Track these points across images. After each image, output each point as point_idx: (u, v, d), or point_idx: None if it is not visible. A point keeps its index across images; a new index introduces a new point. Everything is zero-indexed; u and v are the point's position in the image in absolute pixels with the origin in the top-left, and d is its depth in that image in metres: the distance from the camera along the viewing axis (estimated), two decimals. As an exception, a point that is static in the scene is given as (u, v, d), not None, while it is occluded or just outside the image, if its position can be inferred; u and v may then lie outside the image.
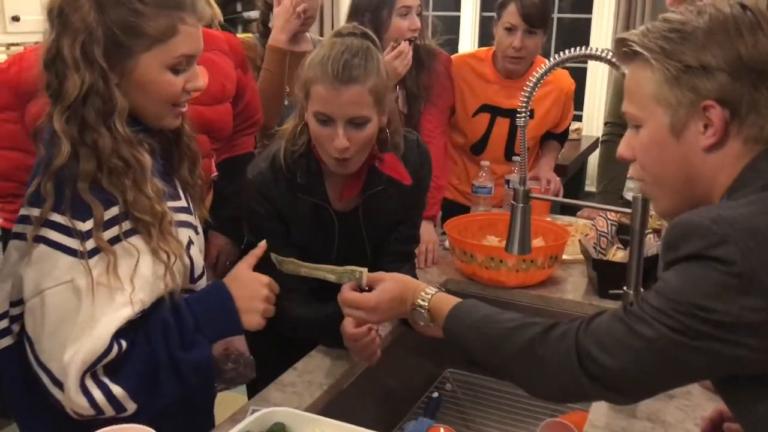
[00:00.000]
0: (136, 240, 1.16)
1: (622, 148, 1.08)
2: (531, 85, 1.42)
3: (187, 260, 1.26)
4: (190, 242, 1.28)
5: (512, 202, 1.52)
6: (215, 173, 2.10)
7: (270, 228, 1.61)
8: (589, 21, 4.53)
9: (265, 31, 2.37)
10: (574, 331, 1.01)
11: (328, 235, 1.66)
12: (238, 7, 4.24)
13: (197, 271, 1.31)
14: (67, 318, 1.12)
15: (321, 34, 4.46)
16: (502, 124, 2.55)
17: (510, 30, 2.40)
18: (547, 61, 1.40)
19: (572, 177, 3.91)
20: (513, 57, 2.44)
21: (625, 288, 1.44)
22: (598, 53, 1.34)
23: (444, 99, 2.46)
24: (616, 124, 2.60)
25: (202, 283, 1.34)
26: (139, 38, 1.16)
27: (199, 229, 1.37)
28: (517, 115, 1.45)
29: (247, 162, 1.74)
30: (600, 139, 2.67)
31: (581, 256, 2.05)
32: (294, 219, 1.62)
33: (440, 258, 2.14)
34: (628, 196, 2.63)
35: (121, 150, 1.15)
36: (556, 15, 4.61)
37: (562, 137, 2.72)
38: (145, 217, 1.16)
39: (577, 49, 1.37)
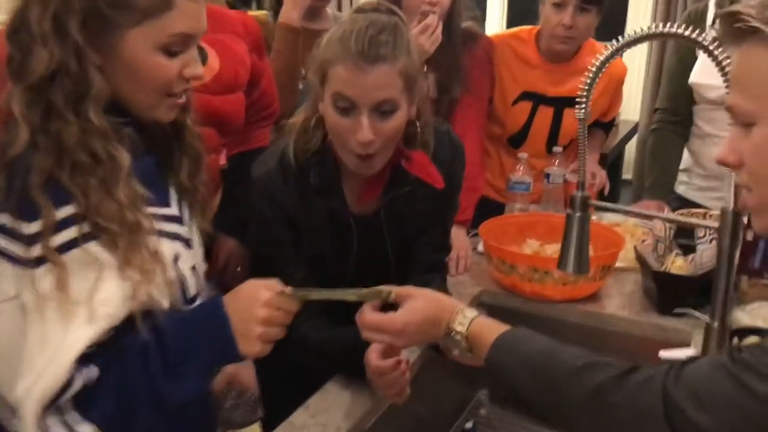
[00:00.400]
0: (98, 249, 0.94)
1: (725, 152, 0.86)
2: (594, 70, 1.17)
3: (171, 275, 1.03)
4: (177, 257, 1.06)
5: (568, 210, 1.27)
6: (224, 162, 1.86)
7: (278, 236, 1.41)
8: (626, 1, 4.24)
9: (279, 7, 2.13)
10: (660, 378, 0.85)
11: (345, 243, 1.44)
12: (252, -17, 3.98)
13: (191, 291, 1.09)
14: (16, 342, 0.92)
15: (339, 9, 4.20)
16: (544, 114, 2.30)
17: (559, 6, 2.12)
18: (599, 44, 1.15)
19: (609, 165, 3.65)
20: (562, 36, 2.16)
21: (696, 312, 1.24)
22: (683, 33, 1.09)
23: (483, 87, 2.19)
24: (669, 111, 2.33)
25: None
26: (125, 10, 0.95)
27: (195, 242, 1.15)
28: (577, 106, 1.19)
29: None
30: (651, 128, 2.40)
31: (632, 263, 1.81)
32: (306, 226, 1.41)
33: (473, 264, 1.90)
34: (681, 190, 2.37)
35: (90, 143, 0.94)
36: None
37: (607, 126, 2.45)
38: (110, 226, 0.94)
39: (654, 27, 1.12)
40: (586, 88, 1.18)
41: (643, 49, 4.06)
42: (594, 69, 1.16)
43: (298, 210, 1.39)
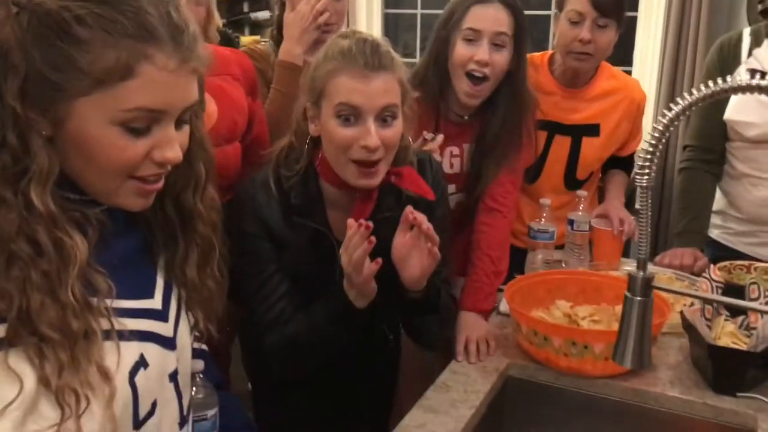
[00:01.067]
0: (19, 361, 0.73)
1: None
2: (661, 129, 0.96)
3: (126, 394, 0.82)
4: (140, 364, 0.85)
5: (626, 293, 1.06)
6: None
7: (261, 249, 1.40)
8: (634, 20, 4.06)
9: (281, 38, 1.94)
10: None
11: (327, 267, 1.41)
12: (245, 8, 3.80)
13: (143, 410, 0.87)
14: None
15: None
16: (561, 144, 2.10)
17: (576, 22, 1.93)
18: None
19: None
20: (579, 53, 1.95)
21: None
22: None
23: (527, 155, 1.92)
24: (700, 149, 2.14)
25: (152, 424, 0.89)
26: (72, 74, 0.74)
27: (181, 343, 0.94)
28: (638, 175, 0.99)
29: None
30: (680, 167, 2.21)
31: (676, 326, 1.61)
32: (288, 244, 1.41)
33: (497, 331, 1.69)
34: (715, 234, 2.18)
35: (33, 230, 0.74)
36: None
37: (628, 164, 2.24)
38: (49, 333, 0.74)
39: (739, 81, 0.92)
40: (650, 150, 0.97)
41: (653, 70, 3.87)
42: (661, 127, 0.96)
43: (281, 227, 1.39)
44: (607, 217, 2.05)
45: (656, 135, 0.97)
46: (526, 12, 1.81)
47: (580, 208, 2.02)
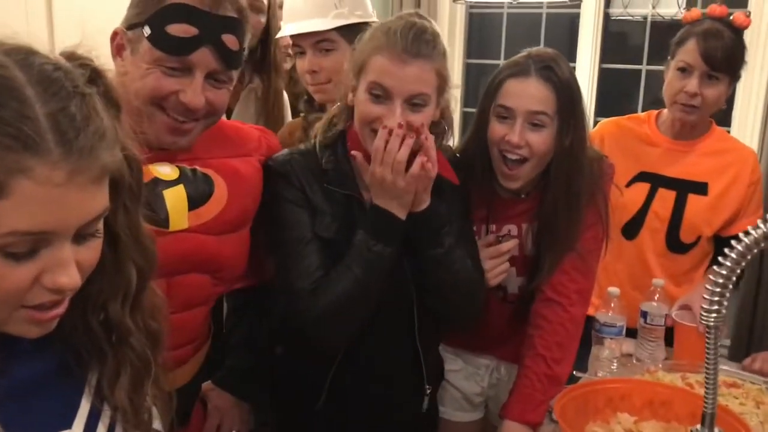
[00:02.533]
0: None
1: None
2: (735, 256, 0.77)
3: None
4: None
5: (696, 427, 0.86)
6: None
7: (296, 216, 1.41)
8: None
9: (291, 81, 2.03)
10: None
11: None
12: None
13: None
14: None
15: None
16: (664, 198, 1.94)
17: (685, 71, 1.84)
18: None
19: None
20: (684, 104, 1.85)
21: None
22: None
23: (595, 233, 1.64)
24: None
25: None
26: None
27: None
28: (704, 312, 0.79)
29: (260, 293, 1.52)
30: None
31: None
32: (321, 208, 1.42)
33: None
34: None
35: None
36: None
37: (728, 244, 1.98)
38: None
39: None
40: (721, 281, 0.77)
41: (753, 134, 3.56)
42: (734, 257, 0.76)
43: (313, 191, 1.42)
44: (689, 308, 1.80)
45: (729, 265, 0.77)
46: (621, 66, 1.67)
47: (656, 297, 1.79)
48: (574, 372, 1.65)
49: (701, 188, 1.94)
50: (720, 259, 0.78)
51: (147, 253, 0.83)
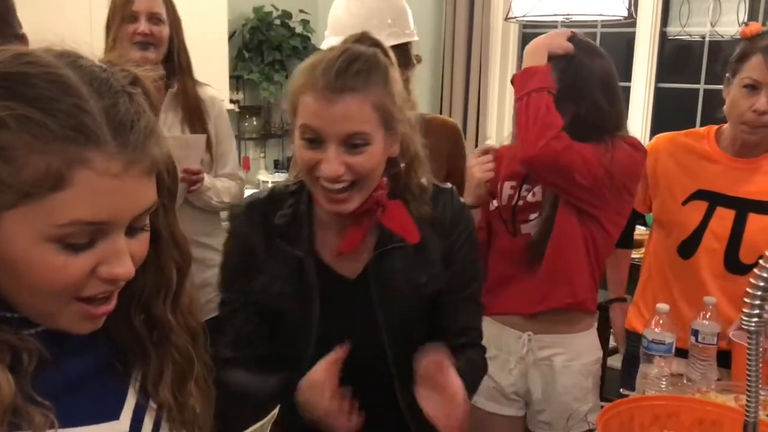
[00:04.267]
0: None
1: None
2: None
3: None
4: None
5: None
6: None
7: (231, 266, 1.33)
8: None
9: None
10: None
11: (306, 299, 1.29)
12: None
13: None
14: None
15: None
16: (723, 217, 1.87)
17: (752, 87, 1.75)
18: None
19: None
20: (751, 124, 1.77)
21: None
22: None
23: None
24: None
25: None
26: None
27: None
28: (744, 317, 0.76)
29: None
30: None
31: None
32: (268, 269, 1.29)
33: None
34: None
35: None
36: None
37: None
38: None
39: None
40: (762, 284, 0.75)
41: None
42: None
43: (263, 252, 1.29)
44: None
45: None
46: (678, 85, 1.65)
47: (707, 316, 1.73)
48: (621, 390, 1.61)
49: (764, 207, 1.86)
50: (761, 261, 0.76)
51: (184, 251, 0.85)
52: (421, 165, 1.32)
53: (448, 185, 1.40)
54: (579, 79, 1.73)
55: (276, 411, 0.77)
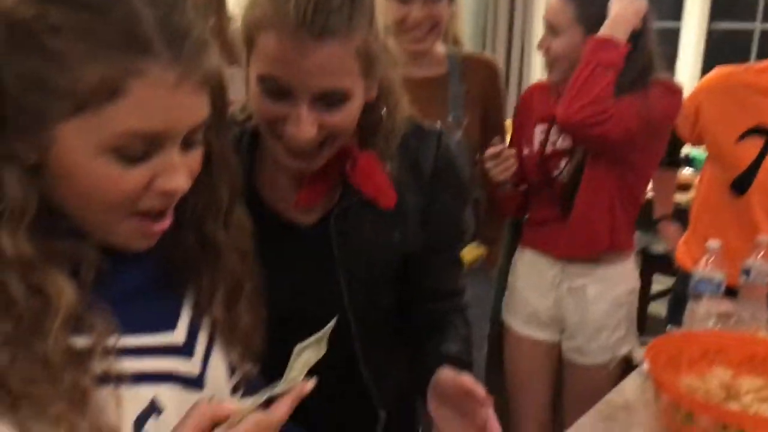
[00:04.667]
0: None
1: None
2: None
3: None
4: (150, 411, 0.72)
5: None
6: None
7: None
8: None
9: None
10: None
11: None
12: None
13: None
14: None
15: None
16: None
17: None
18: None
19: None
20: None
21: None
22: None
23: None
24: None
25: None
26: (50, 96, 0.63)
27: (209, 382, 0.81)
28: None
29: None
30: None
31: None
32: None
33: (637, 401, 1.42)
34: None
35: (2, 276, 0.62)
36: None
37: None
38: (24, 390, 0.62)
39: None
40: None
41: None
42: None
43: None
44: None
45: None
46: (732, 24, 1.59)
47: (760, 255, 1.68)
48: (668, 327, 1.59)
49: None
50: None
51: (235, 171, 0.84)
52: (401, 106, 1.08)
53: (437, 127, 1.17)
54: (639, 50, 1.73)
55: (334, 323, 0.75)
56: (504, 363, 2.10)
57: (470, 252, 1.91)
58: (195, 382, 0.78)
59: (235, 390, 0.86)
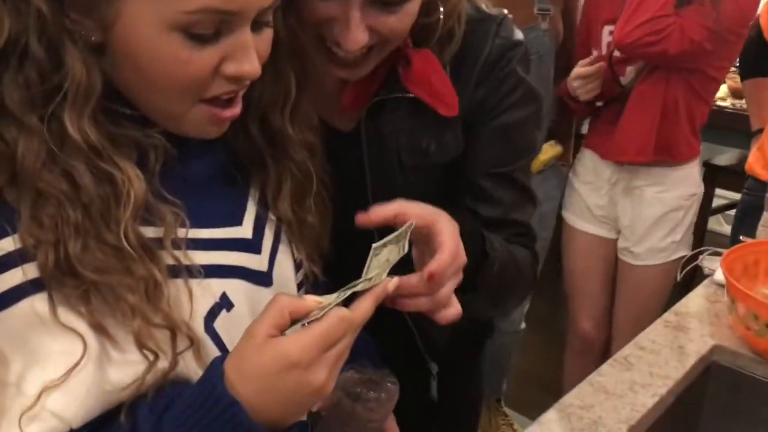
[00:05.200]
0: (69, 314, 0.61)
1: None
2: None
3: (204, 344, 0.68)
4: (220, 306, 0.70)
5: None
6: None
7: None
8: None
9: None
10: None
11: None
12: None
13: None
14: None
15: None
16: None
17: None
18: None
19: None
20: None
21: None
22: None
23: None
24: None
25: None
26: None
27: (277, 279, 0.79)
28: None
29: None
30: None
31: None
32: None
33: (707, 311, 1.38)
34: None
35: (67, 163, 0.60)
36: None
37: None
38: (97, 278, 0.60)
39: None
40: None
41: None
42: None
43: None
44: None
45: None
46: None
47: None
48: (741, 237, 1.53)
49: None
50: None
51: (303, 62, 0.80)
52: (459, 11, 0.92)
53: (501, 12, 0.97)
54: None
55: (414, 223, 0.70)
56: (562, 257, 2.17)
57: (547, 151, 1.92)
58: (263, 279, 0.77)
59: (298, 290, 0.85)
